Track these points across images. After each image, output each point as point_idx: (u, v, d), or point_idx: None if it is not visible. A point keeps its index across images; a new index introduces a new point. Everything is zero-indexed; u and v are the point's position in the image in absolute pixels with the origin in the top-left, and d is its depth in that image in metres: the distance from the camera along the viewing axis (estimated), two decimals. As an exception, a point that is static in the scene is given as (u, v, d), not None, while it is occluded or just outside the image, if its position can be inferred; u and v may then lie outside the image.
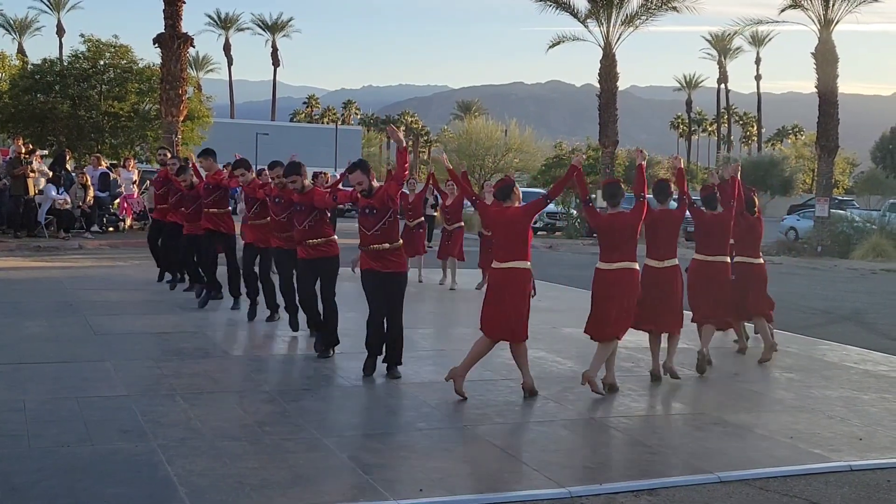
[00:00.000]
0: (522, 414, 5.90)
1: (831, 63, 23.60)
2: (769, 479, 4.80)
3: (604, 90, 27.31)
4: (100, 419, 5.35)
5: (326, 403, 6.11)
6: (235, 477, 4.45)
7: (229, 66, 78.37)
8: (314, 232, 7.35)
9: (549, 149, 53.77)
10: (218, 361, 7.23)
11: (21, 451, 4.72)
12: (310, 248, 7.37)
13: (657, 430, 5.73)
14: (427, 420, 5.63)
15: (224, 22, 78.64)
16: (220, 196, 9.73)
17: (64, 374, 6.48)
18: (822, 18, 23.50)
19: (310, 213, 7.33)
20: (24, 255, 15.05)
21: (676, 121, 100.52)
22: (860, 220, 24.50)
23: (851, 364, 8.16)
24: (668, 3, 26.33)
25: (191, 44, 22.87)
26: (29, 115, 24.98)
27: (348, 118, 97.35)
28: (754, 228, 8.36)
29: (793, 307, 12.25)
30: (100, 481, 4.32)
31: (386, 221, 6.59)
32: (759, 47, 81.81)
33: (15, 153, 17.81)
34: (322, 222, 7.41)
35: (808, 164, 56.98)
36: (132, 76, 25.99)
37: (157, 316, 9.28)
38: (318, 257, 7.37)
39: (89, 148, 24.85)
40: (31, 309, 9.39)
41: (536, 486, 4.55)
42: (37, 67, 27.28)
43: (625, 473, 4.86)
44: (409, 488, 4.40)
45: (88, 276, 12.54)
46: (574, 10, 26.91)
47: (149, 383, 6.35)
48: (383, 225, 6.58)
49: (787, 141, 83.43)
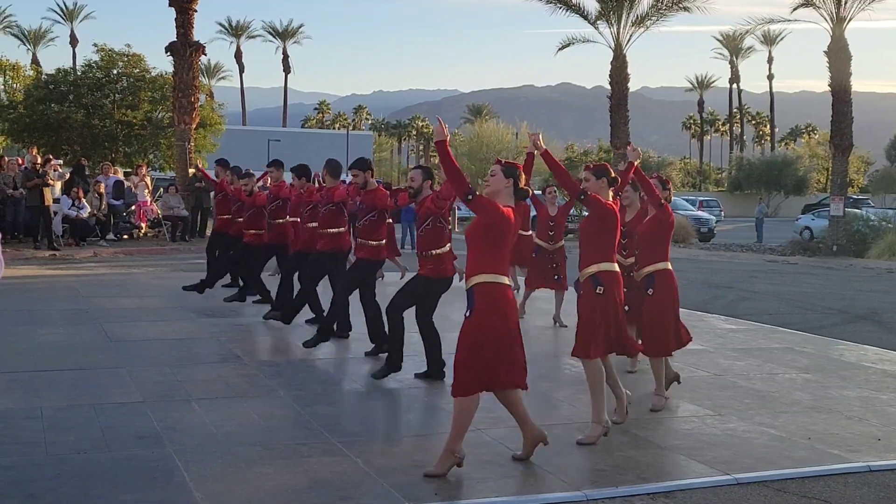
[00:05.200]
0: (537, 417, 5.87)
1: (844, 61, 23.45)
2: (787, 480, 4.77)
3: (614, 92, 27.23)
4: (116, 426, 5.37)
5: (340, 408, 6.12)
6: (251, 482, 4.46)
7: (241, 74, 78.81)
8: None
9: (560, 151, 53.64)
10: (232, 367, 7.24)
11: (38, 458, 4.74)
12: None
13: (673, 432, 5.69)
14: (442, 425, 5.62)
15: (235, 30, 79.10)
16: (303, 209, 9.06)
17: (80, 382, 6.52)
18: (835, 16, 23.35)
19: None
20: (40, 264, 15.15)
21: (688, 121, 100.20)
22: (875, 219, 24.33)
23: (869, 364, 8.09)
24: (679, 4, 26.21)
25: (202, 52, 23.00)
26: (43, 125, 25.16)
27: (359, 123, 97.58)
28: None
29: (809, 307, 12.17)
30: (116, 487, 4.33)
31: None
32: (771, 46, 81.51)
33: (31, 163, 17.96)
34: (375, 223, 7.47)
35: (822, 163, 56.67)
36: (145, 85, 26.14)
37: (171, 322, 9.32)
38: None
39: (103, 156, 24.99)
40: (47, 317, 9.45)
41: (552, 489, 4.54)
42: (51, 77, 27.48)
43: (641, 476, 4.83)
44: (424, 492, 4.39)
45: (103, 283, 12.62)
46: (584, 12, 26.84)
47: (164, 389, 6.38)
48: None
49: (801, 140, 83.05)
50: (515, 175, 4.85)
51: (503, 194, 4.83)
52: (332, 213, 8.02)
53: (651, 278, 6.17)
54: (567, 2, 26.70)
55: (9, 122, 25.97)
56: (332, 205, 7.99)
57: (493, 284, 4.67)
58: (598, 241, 5.42)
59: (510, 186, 4.83)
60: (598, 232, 5.42)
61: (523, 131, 50.50)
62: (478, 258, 4.72)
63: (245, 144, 42.05)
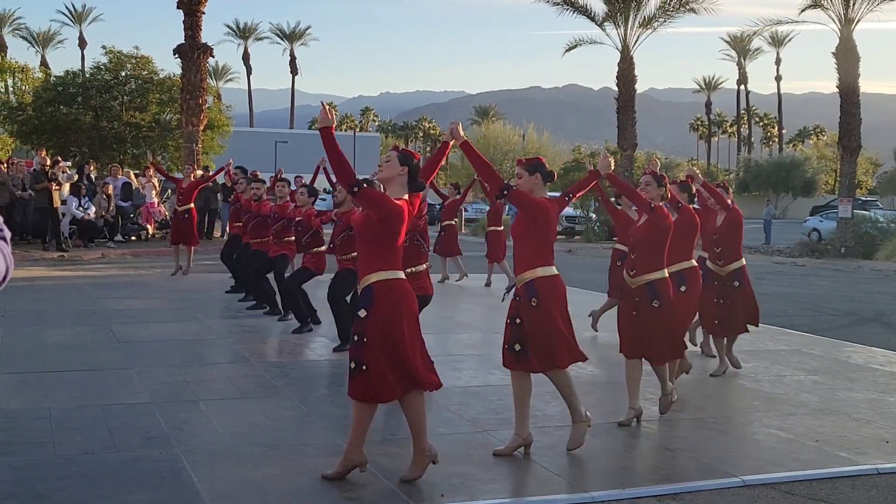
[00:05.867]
0: (544, 419, 5.87)
1: (853, 62, 23.39)
2: (794, 482, 4.75)
3: (622, 93, 27.20)
4: (124, 426, 5.39)
5: (347, 409, 6.10)
6: (258, 483, 4.47)
7: (248, 76, 79.07)
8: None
9: (567, 153, 53.64)
10: (239, 368, 7.26)
11: (46, 459, 4.76)
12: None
13: (680, 433, 5.68)
14: (448, 425, 5.62)
15: (243, 31, 79.35)
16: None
17: (88, 382, 6.54)
18: (843, 17, 23.29)
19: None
20: (49, 265, 15.22)
21: (696, 123, 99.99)
22: (884, 221, 24.25)
23: (877, 366, 8.06)
24: (686, 5, 26.18)
25: (210, 54, 23.08)
26: (52, 127, 25.29)
27: (366, 125, 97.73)
28: None
29: (817, 309, 12.13)
30: (124, 488, 4.35)
31: None
32: (779, 48, 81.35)
33: (39, 165, 18.04)
34: None
35: (831, 165, 56.46)
36: (153, 87, 26.27)
37: (179, 323, 9.34)
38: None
39: (111, 158, 25.11)
40: (55, 317, 9.48)
41: (559, 490, 4.53)
42: (59, 79, 27.64)
43: (648, 478, 4.82)
44: (430, 493, 4.40)
45: (111, 284, 12.66)
46: (591, 14, 26.85)
47: (172, 390, 6.40)
48: None
49: (809, 141, 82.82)
50: (411, 164, 4.48)
51: (396, 183, 4.46)
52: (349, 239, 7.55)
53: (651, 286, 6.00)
54: (574, 3, 26.71)
55: (18, 124, 26.13)
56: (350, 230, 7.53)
57: (390, 282, 4.35)
58: (531, 244, 4.96)
59: (404, 175, 4.45)
60: (529, 233, 4.95)
61: (530, 133, 50.51)
62: (370, 255, 4.39)
63: (252, 146, 42.10)
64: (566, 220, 27.38)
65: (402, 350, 4.30)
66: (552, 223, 5.01)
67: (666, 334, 5.70)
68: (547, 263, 4.97)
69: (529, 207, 4.94)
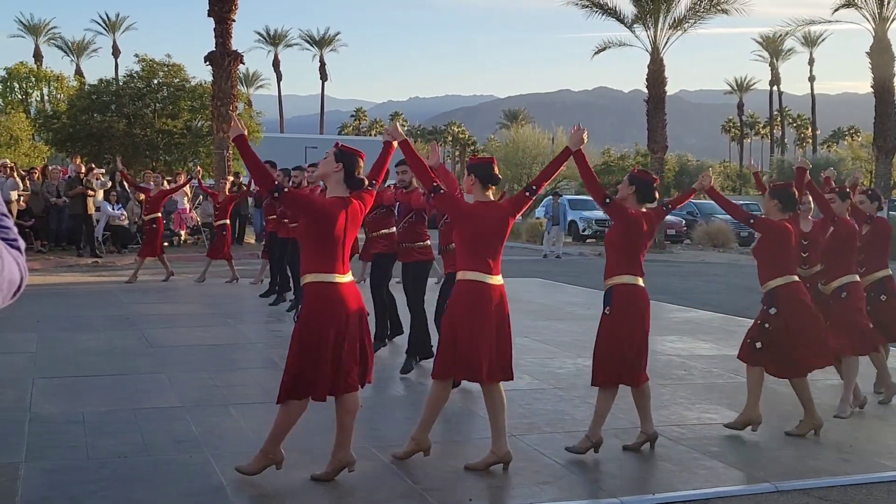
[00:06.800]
0: (572, 423, 5.84)
1: (887, 61, 23.07)
2: (828, 488, 4.67)
3: (652, 95, 27.01)
4: (155, 430, 5.45)
5: (375, 413, 6.13)
6: (287, 486, 4.49)
7: (278, 82, 79.60)
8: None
9: (597, 156, 53.36)
10: (269, 372, 7.30)
11: (80, 462, 4.83)
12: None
13: (711, 438, 5.61)
14: (476, 430, 5.61)
15: (273, 38, 79.94)
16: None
17: (120, 386, 6.63)
18: (878, 16, 22.97)
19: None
20: (83, 271, 15.45)
21: (728, 124, 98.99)
22: (920, 222, 23.81)
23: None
24: (717, 6, 25.94)
25: (241, 61, 23.29)
26: (86, 135, 25.69)
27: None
28: None
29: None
30: (155, 491, 4.40)
31: None
32: (812, 48, 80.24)
33: (74, 172, 18.33)
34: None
35: (866, 166, 55.55)
36: (184, 94, 26.58)
37: (209, 328, 9.43)
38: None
39: (144, 165, 25.45)
40: (89, 323, 9.62)
41: (588, 496, 4.51)
42: (93, 88, 28.07)
43: (678, 483, 4.77)
44: (458, 498, 4.39)
45: (143, 289, 12.82)
46: (620, 16, 26.70)
47: (202, 394, 6.46)
48: None
49: (843, 142, 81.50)
50: (348, 162, 4.38)
51: (332, 180, 4.39)
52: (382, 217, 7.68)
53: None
54: (603, 6, 26.59)
55: (53, 132, 26.61)
56: (383, 208, 7.63)
57: (318, 284, 4.32)
58: (492, 249, 4.81)
59: (340, 172, 4.37)
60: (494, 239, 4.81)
61: (559, 136, 50.35)
62: (305, 254, 4.37)
63: (283, 151, 42.32)
64: (596, 223, 27.09)
65: (325, 354, 4.31)
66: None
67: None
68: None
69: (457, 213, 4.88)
